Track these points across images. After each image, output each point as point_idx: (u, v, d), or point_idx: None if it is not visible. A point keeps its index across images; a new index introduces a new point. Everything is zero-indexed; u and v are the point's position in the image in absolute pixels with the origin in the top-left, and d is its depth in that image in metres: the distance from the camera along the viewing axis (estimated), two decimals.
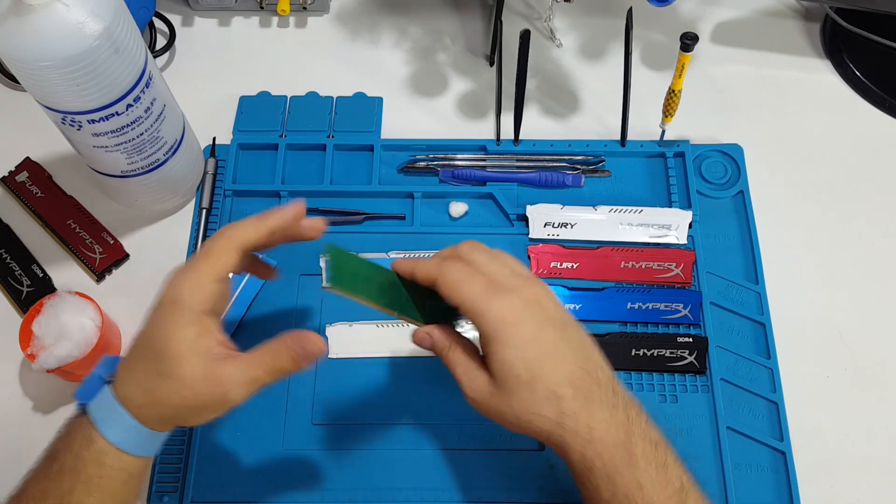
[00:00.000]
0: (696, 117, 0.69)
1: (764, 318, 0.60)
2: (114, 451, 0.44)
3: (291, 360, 0.44)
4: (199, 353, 0.43)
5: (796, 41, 0.75)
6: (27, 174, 0.67)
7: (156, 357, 0.43)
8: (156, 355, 0.43)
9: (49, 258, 0.64)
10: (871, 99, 0.71)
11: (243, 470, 0.55)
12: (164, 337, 0.43)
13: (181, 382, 0.43)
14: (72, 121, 0.52)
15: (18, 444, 0.57)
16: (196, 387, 0.43)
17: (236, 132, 0.68)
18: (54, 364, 0.54)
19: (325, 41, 0.75)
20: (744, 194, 0.65)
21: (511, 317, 0.44)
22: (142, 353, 0.45)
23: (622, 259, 0.62)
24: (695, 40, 0.56)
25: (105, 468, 0.43)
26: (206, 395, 0.43)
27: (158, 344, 0.43)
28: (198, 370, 0.43)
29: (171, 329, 0.43)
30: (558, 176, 0.66)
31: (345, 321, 0.60)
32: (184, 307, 0.44)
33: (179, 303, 0.44)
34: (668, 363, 0.58)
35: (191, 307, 0.44)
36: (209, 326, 0.44)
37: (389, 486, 0.55)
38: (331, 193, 0.65)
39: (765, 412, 0.57)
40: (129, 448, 0.44)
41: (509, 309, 0.44)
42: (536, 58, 0.73)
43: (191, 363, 0.43)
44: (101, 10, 0.48)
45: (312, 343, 0.45)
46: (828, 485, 0.56)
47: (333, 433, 0.57)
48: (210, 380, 0.43)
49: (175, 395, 0.43)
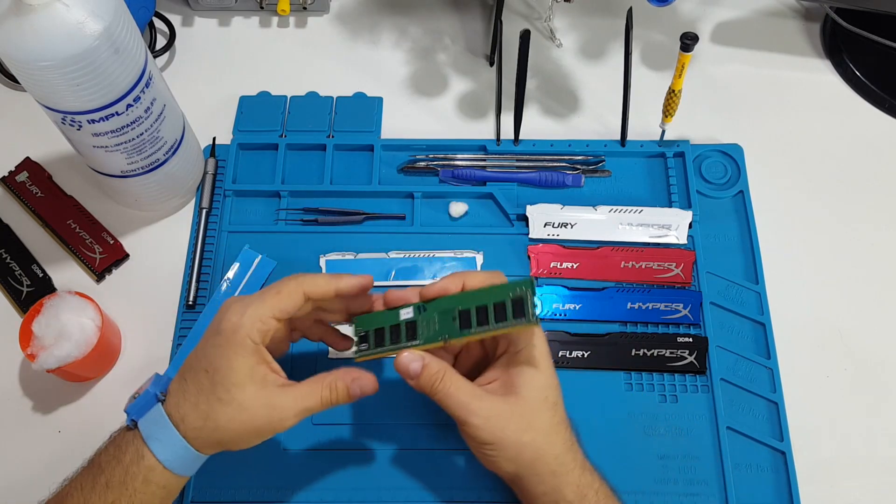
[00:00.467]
0: (696, 117, 0.69)
1: (764, 318, 0.60)
2: (160, 468, 0.45)
3: (348, 395, 0.47)
4: (258, 381, 0.45)
5: (796, 41, 0.75)
6: (27, 174, 0.67)
7: (214, 382, 0.45)
8: (215, 381, 0.45)
9: (49, 258, 0.64)
10: (871, 99, 0.71)
11: (243, 470, 0.55)
12: (225, 364, 0.45)
13: (240, 408, 0.44)
14: (72, 121, 0.52)
15: (18, 443, 0.57)
16: (254, 413, 0.45)
17: (236, 132, 0.68)
18: (54, 364, 0.54)
19: (325, 41, 0.75)
20: (744, 194, 0.65)
21: (545, 345, 0.48)
22: (198, 376, 0.45)
23: (622, 259, 0.62)
24: (695, 40, 0.56)
25: (151, 485, 0.45)
26: (263, 422, 0.45)
27: (219, 370, 0.45)
28: (257, 398, 0.45)
29: (231, 357, 0.45)
30: (558, 176, 0.66)
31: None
32: (245, 336, 0.45)
33: (240, 332, 0.45)
34: (668, 363, 0.58)
35: (252, 336, 0.45)
36: (266, 357, 0.46)
37: (389, 486, 0.55)
38: (331, 193, 0.65)
39: (765, 412, 0.57)
40: (174, 467, 0.45)
41: (544, 338, 0.48)
42: (536, 58, 0.73)
43: (250, 391, 0.45)
44: (101, 10, 0.48)
45: (367, 381, 0.47)
46: (827, 485, 0.56)
47: (333, 433, 0.57)
48: (268, 407, 0.45)
49: (235, 420, 0.45)
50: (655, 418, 0.57)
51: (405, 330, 0.48)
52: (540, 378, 0.47)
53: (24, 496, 0.55)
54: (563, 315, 0.60)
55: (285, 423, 0.45)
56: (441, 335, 0.47)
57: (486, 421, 0.45)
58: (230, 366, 0.44)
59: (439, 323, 0.47)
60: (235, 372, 0.44)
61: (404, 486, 0.55)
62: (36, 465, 0.56)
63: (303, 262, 0.62)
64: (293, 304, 0.47)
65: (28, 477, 0.56)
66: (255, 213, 0.65)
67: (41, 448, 0.57)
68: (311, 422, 0.57)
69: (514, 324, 0.45)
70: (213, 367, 0.45)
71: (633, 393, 0.58)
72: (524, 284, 0.45)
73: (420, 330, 0.48)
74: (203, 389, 0.45)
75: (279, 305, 0.46)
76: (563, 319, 0.60)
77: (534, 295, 0.45)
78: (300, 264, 0.62)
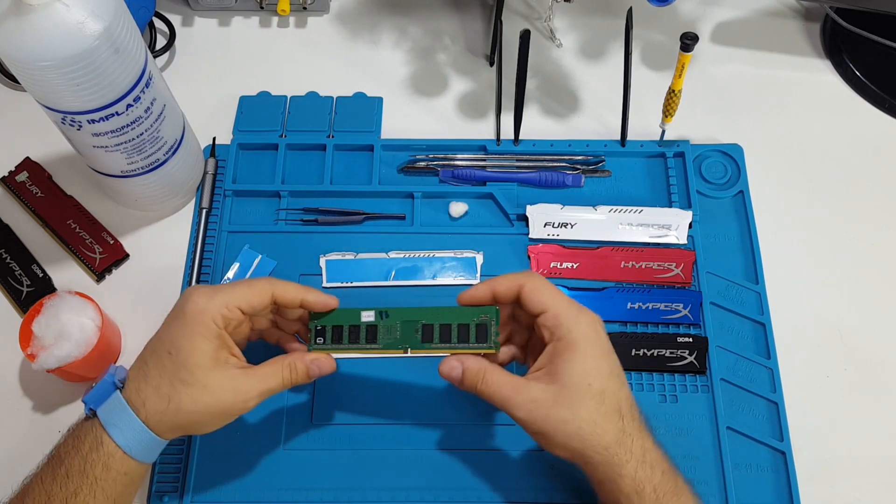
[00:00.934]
0: (696, 117, 0.69)
1: (764, 318, 0.60)
2: (121, 454, 0.45)
3: (307, 375, 0.48)
4: (221, 363, 0.46)
5: (796, 41, 0.75)
6: (27, 174, 0.67)
7: (178, 364, 0.45)
8: (178, 362, 0.45)
9: (49, 258, 0.64)
10: (871, 99, 0.71)
11: (243, 470, 0.55)
12: (189, 346, 0.45)
13: (204, 390, 0.45)
14: (72, 121, 0.52)
15: (18, 443, 0.57)
16: (218, 395, 0.45)
17: (236, 132, 0.68)
18: (54, 364, 0.54)
19: (325, 41, 0.75)
20: (744, 194, 0.65)
21: (592, 332, 0.47)
22: (161, 359, 0.46)
23: (622, 259, 0.62)
24: (695, 40, 0.56)
25: (111, 471, 0.45)
26: (226, 404, 0.46)
27: (181, 351, 0.45)
28: (220, 380, 0.46)
29: (196, 338, 0.45)
30: (558, 176, 0.66)
31: None
32: (209, 319, 0.46)
33: (206, 315, 0.46)
34: (668, 363, 0.58)
35: (216, 321, 0.46)
36: (228, 342, 0.47)
37: (389, 487, 0.55)
38: (331, 193, 0.65)
39: (765, 412, 0.57)
40: (135, 453, 0.45)
41: (591, 325, 0.47)
42: (536, 58, 0.73)
43: (214, 373, 0.45)
44: (101, 10, 0.48)
45: (325, 361, 0.49)
46: (828, 485, 0.56)
47: (333, 433, 0.57)
48: (231, 390, 0.46)
49: (198, 402, 0.45)
50: (655, 418, 0.57)
51: (365, 332, 0.49)
52: (581, 364, 0.46)
53: None
54: None
55: (248, 404, 0.47)
56: (401, 344, 0.49)
57: (529, 413, 0.46)
58: (194, 347, 0.45)
59: (401, 332, 0.49)
60: (200, 353, 0.45)
61: (404, 487, 0.55)
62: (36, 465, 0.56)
63: (303, 262, 0.62)
64: (261, 301, 0.48)
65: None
66: (255, 213, 0.65)
67: (41, 448, 0.56)
68: (311, 422, 0.57)
69: (474, 347, 0.48)
70: (176, 349, 0.45)
71: (633, 393, 0.58)
72: (490, 311, 0.48)
73: (380, 335, 0.49)
74: (166, 372, 0.45)
75: (248, 298, 0.47)
76: None
77: (497, 324, 0.48)
78: (300, 264, 0.62)
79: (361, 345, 0.49)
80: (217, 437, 0.56)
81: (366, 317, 0.49)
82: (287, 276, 0.62)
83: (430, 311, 0.49)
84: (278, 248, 0.63)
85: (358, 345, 0.49)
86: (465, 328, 0.48)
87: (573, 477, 0.55)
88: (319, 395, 0.58)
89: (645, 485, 0.45)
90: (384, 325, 0.49)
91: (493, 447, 0.56)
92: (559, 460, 0.47)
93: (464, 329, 0.48)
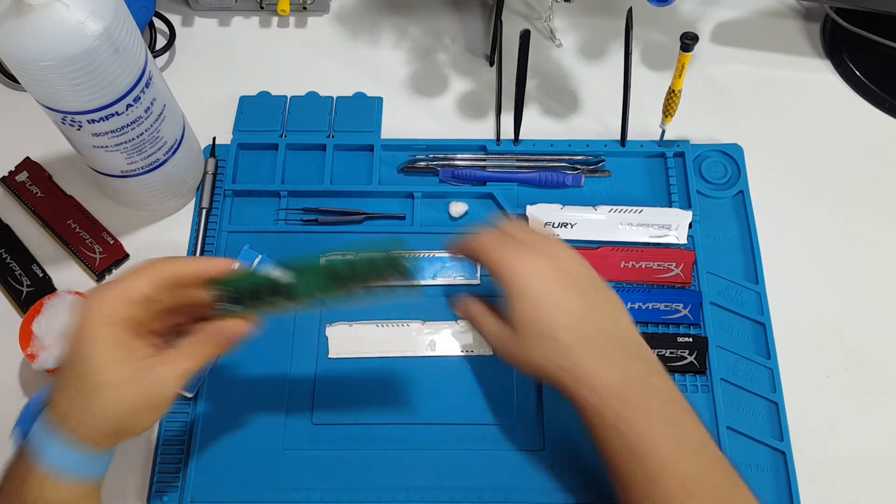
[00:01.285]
0: (696, 117, 0.69)
1: (764, 318, 0.60)
2: (56, 474, 0.43)
3: (216, 345, 0.46)
4: (120, 359, 0.44)
5: (796, 41, 0.75)
6: (27, 174, 0.67)
7: (81, 373, 0.44)
8: (80, 372, 0.44)
9: (49, 258, 0.64)
10: (872, 99, 0.71)
11: (243, 470, 0.55)
12: (84, 352, 0.44)
13: (111, 390, 0.43)
14: (72, 121, 0.52)
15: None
16: (128, 391, 0.43)
17: (236, 132, 0.68)
18: (54, 364, 0.54)
19: (324, 41, 0.75)
20: (744, 194, 0.65)
21: (536, 275, 0.48)
22: (68, 372, 0.45)
23: (622, 259, 0.62)
24: (695, 40, 0.56)
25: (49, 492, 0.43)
26: (142, 397, 0.44)
27: (79, 358, 0.44)
28: (130, 373, 0.44)
29: (87, 342, 0.44)
30: (558, 176, 0.66)
31: (345, 321, 0.60)
32: (97, 319, 0.44)
33: (92, 316, 0.44)
34: (669, 363, 0.58)
35: (103, 319, 0.44)
36: (125, 334, 0.44)
37: (389, 487, 0.55)
38: (331, 193, 0.65)
39: (765, 412, 0.57)
40: (72, 469, 0.43)
41: (535, 268, 0.49)
42: (536, 58, 0.73)
43: (115, 370, 0.43)
44: (101, 9, 0.48)
45: (231, 328, 0.47)
46: (828, 485, 0.56)
47: (333, 433, 0.57)
48: (141, 381, 0.44)
49: (109, 404, 0.43)
50: None
51: (276, 286, 0.47)
52: (523, 308, 0.48)
53: None
54: None
55: (168, 390, 0.44)
56: (314, 291, 0.47)
57: (502, 354, 0.51)
58: (95, 349, 0.43)
59: (315, 284, 0.47)
60: (102, 354, 0.43)
61: (404, 487, 0.55)
62: None
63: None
64: (142, 288, 0.45)
65: None
66: (255, 213, 0.65)
67: None
68: (311, 422, 0.57)
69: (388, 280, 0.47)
70: (80, 355, 0.44)
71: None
72: (395, 245, 0.48)
73: (291, 286, 0.47)
74: (77, 379, 0.44)
75: (126, 290, 0.45)
76: None
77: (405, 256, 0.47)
78: None
79: (279, 300, 0.47)
80: (217, 436, 0.57)
81: (273, 273, 0.47)
82: None
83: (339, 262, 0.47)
84: (278, 248, 0.63)
85: (266, 300, 0.47)
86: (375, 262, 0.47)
87: (573, 477, 0.55)
88: (319, 395, 0.58)
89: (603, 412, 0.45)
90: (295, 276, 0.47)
91: (493, 447, 0.56)
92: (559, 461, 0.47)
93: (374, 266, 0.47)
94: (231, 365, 0.59)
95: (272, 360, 0.59)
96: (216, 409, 0.57)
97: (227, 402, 0.58)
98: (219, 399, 0.58)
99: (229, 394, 0.58)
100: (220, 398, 0.58)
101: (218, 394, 0.58)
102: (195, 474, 0.55)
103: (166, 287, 0.46)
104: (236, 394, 0.58)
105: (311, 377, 0.58)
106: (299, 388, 0.58)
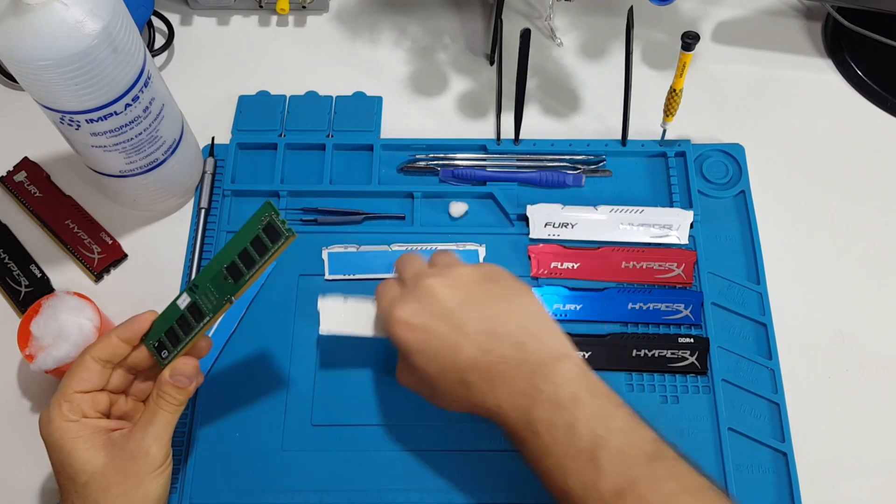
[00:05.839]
0: (698, 117, 0.69)
1: (765, 319, 0.60)
2: None
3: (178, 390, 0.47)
4: (99, 450, 0.45)
5: (798, 40, 0.74)
6: (25, 174, 0.66)
7: (69, 479, 0.45)
8: (69, 478, 0.45)
9: (47, 258, 0.63)
10: (873, 98, 0.71)
11: (243, 471, 0.55)
12: (61, 460, 0.46)
13: (104, 483, 0.45)
14: (70, 120, 0.52)
15: (16, 444, 0.57)
16: (119, 478, 0.45)
17: (235, 132, 0.68)
18: (52, 365, 0.54)
19: (324, 40, 0.75)
20: (745, 194, 0.65)
21: (407, 323, 0.47)
22: (64, 485, 0.46)
23: (623, 259, 0.62)
24: (696, 39, 0.55)
25: None
26: (137, 477, 0.45)
27: (63, 466, 0.46)
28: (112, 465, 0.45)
29: (61, 450, 0.46)
30: (559, 176, 0.65)
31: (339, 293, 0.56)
32: (59, 424, 0.46)
33: (54, 423, 0.46)
34: (669, 364, 0.58)
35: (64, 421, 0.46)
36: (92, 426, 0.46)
37: (389, 488, 0.55)
38: (330, 193, 0.65)
39: (766, 413, 0.57)
40: None
41: (405, 316, 0.47)
42: (537, 57, 0.72)
43: (98, 463, 0.45)
44: (100, 9, 0.48)
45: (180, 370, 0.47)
46: (829, 486, 0.55)
47: (333, 434, 0.57)
48: (128, 458, 0.45)
49: (107, 494, 0.45)
50: (656, 419, 0.56)
51: (191, 315, 0.48)
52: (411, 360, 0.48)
53: (24, 497, 0.55)
54: (563, 315, 0.60)
55: (156, 459, 0.46)
56: (223, 297, 0.47)
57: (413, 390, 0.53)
58: (70, 457, 0.45)
59: (216, 290, 0.48)
60: (74, 460, 0.45)
61: (404, 487, 0.55)
62: (34, 466, 0.56)
63: (302, 262, 0.62)
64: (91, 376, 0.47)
65: (27, 478, 0.56)
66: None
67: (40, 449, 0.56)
68: (311, 422, 0.57)
69: (276, 248, 0.46)
70: (59, 467, 0.46)
71: (633, 394, 0.58)
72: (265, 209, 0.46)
73: (204, 306, 0.48)
74: (71, 490, 0.46)
75: (74, 385, 0.47)
76: (563, 320, 0.60)
77: (278, 215, 0.46)
78: (299, 264, 0.62)
79: (196, 326, 0.48)
80: (217, 437, 0.56)
81: (182, 302, 0.48)
82: (286, 276, 0.61)
83: (223, 254, 0.47)
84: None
85: (195, 329, 0.48)
86: (258, 240, 0.46)
87: None
88: (319, 396, 0.58)
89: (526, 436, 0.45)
90: (201, 295, 0.48)
91: (493, 448, 0.56)
92: None
93: (258, 242, 0.46)
94: (230, 366, 0.59)
95: (272, 361, 0.59)
96: (215, 409, 0.57)
97: (227, 403, 0.57)
98: (218, 400, 0.58)
99: (228, 394, 0.58)
100: (219, 399, 0.58)
101: (217, 395, 0.58)
102: (194, 475, 0.55)
103: (107, 365, 0.48)
104: (235, 394, 0.58)
105: (310, 378, 0.58)
106: (299, 389, 0.58)
